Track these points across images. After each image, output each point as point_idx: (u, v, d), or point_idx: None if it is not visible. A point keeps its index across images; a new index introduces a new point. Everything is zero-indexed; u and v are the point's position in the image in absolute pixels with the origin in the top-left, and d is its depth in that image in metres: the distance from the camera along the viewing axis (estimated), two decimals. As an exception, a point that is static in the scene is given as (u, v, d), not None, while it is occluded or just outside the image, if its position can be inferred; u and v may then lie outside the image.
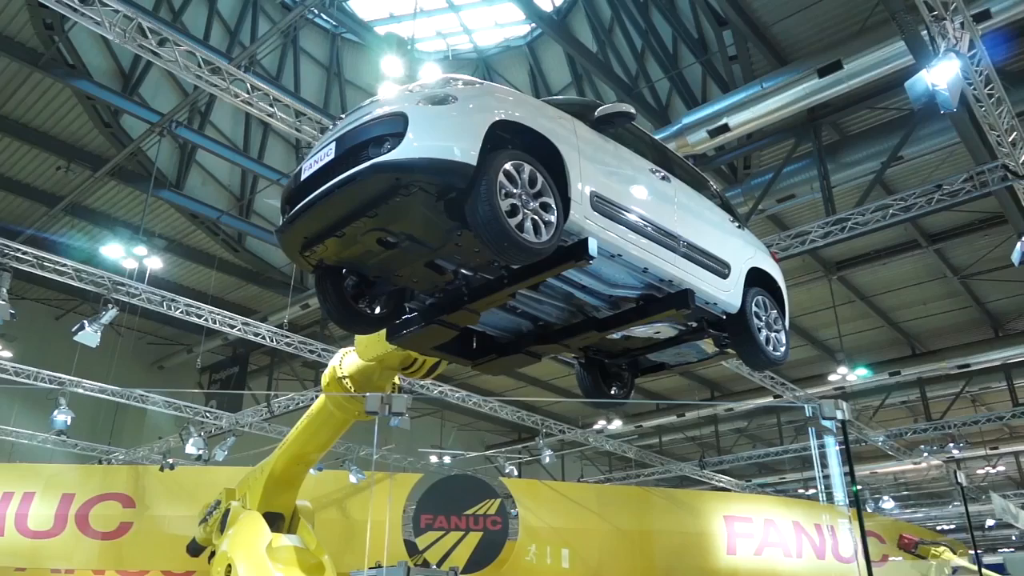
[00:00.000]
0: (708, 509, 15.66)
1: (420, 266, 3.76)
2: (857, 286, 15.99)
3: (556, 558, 13.95)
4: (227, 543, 6.64)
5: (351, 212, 3.38)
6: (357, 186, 3.25)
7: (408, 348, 4.65)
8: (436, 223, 3.44)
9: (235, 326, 12.60)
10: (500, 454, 20.58)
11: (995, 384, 18.84)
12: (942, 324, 17.17)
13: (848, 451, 3.87)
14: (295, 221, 3.55)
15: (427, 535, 13.60)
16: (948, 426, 17.97)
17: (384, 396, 4.43)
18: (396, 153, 3.18)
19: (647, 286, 4.20)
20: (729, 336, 4.69)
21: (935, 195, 8.93)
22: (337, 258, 3.77)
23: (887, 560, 15.48)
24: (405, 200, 3.27)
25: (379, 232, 3.48)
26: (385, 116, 3.36)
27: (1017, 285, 15.14)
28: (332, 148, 3.46)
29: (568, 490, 16.05)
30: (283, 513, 6.99)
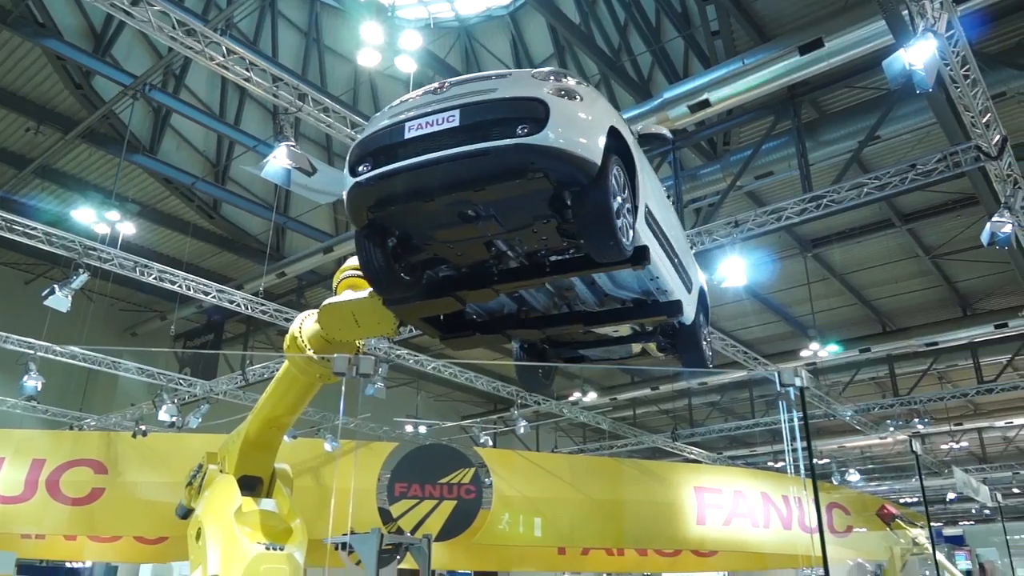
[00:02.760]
0: (679, 480, 15.94)
1: (480, 244, 3.83)
2: (831, 264, 16.18)
3: (529, 527, 14.16)
4: (200, 507, 6.67)
5: (463, 182, 3.39)
6: (490, 160, 3.29)
7: (402, 316, 4.65)
8: (532, 209, 3.56)
9: (210, 293, 12.48)
10: (475, 424, 20.71)
11: (961, 362, 19.25)
12: (912, 302, 17.46)
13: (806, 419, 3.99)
14: (389, 177, 3.49)
15: (401, 503, 13.72)
16: (914, 402, 18.36)
17: (351, 357, 4.40)
18: (538, 139, 3.26)
19: (643, 292, 4.41)
20: (675, 342, 5.06)
21: (909, 174, 9.02)
22: (402, 221, 3.75)
23: (851, 531, 15.89)
24: (523, 183, 3.35)
25: (469, 206, 3.51)
26: (523, 99, 3.41)
27: (986, 265, 15.41)
28: (456, 116, 3.41)
29: (542, 460, 16.23)
30: (261, 476, 6.98)
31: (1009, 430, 25.36)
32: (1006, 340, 17.69)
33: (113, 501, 13.11)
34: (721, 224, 10.74)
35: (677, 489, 15.66)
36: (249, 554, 6.04)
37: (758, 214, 10.35)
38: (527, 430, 19.53)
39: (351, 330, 5.29)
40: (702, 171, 12.50)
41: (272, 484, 7.01)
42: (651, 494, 15.42)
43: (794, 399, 4.32)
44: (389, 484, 13.85)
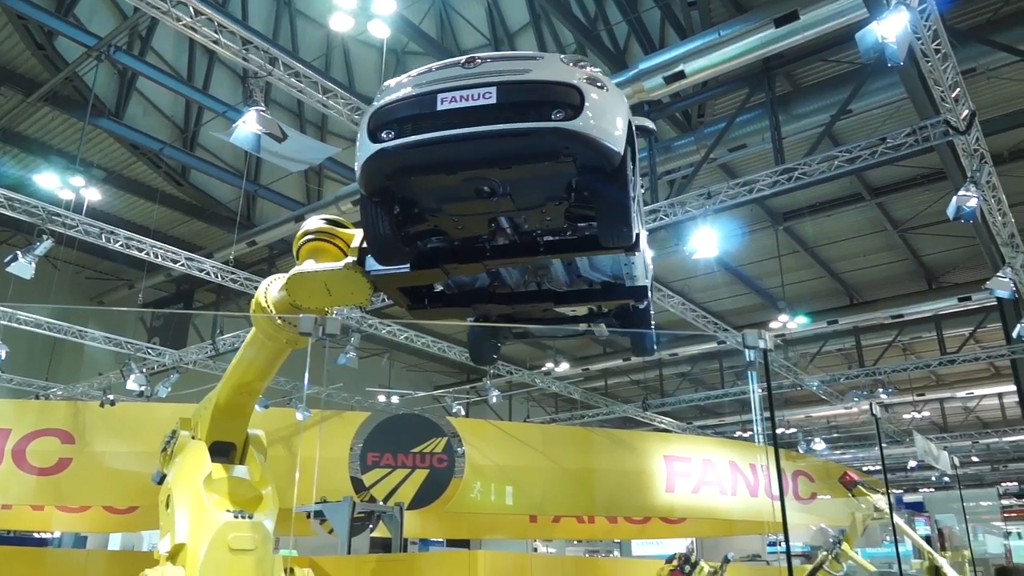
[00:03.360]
0: (649, 449, 16.15)
1: (484, 219, 3.86)
2: (802, 237, 16.36)
3: (500, 495, 14.29)
4: (170, 474, 6.60)
5: (495, 158, 3.43)
6: (526, 140, 3.36)
7: (381, 284, 4.63)
8: (548, 191, 3.66)
9: (178, 261, 12.30)
10: (448, 394, 20.78)
11: (925, 334, 19.67)
12: (879, 276, 17.75)
13: (768, 381, 4.08)
14: (419, 147, 3.46)
15: (374, 472, 13.76)
16: (879, 373, 18.75)
17: (318, 318, 4.26)
18: (574, 125, 3.34)
19: (614, 276, 4.55)
20: (626, 324, 5.17)
21: (879, 148, 9.11)
22: (416, 190, 3.73)
23: (815, 498, 16.27)
24: (551, 166, 3.45)
25: (489, 182, 3.53)
26: (561, 84, 3.47)
27: (952, 240, 15.69)
28: (493, 93, 3.43)
29: (514, 430, 16.35)
30: (234, 442, 6.89)
31: (970, 400, 26.05)
32: (969, 313, 18.10)
33: (81, 471, 12.98)
34: (694, 196, 10.79)
35: (647, 458, 15.88)
36: (217, 522, 5.97)
37: (730, 186, 10.41)
38: (499, 400, 19.65)
39: (321, 299, 5.21)
40: (676, 143, 12.52)
41: (245, 450, 6.92)
42: (621, 463, 15.62)
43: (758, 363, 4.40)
44: (361, 453, 13.88)
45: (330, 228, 5.07)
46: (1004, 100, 11.93)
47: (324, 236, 5.05)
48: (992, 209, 9.79)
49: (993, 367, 22.25)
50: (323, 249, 5.09)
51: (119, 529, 14.91)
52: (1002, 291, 10.47)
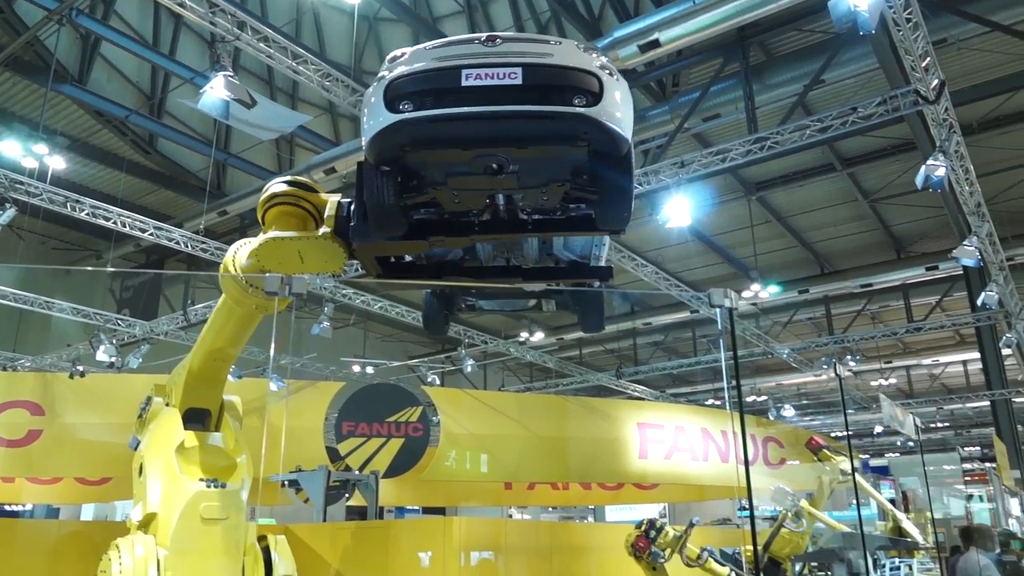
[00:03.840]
0: (622, 417, 16.32)
1: (484, 195, 3.93)
2: (774, 207, 16.51)
3: (475, 463, 14.39)
4: (143, 441, 6.54)
5: (513, 138, 3.49)
6: (549, 124, 3.46)
7: (360, 253, 4.64)
8: (555, 173, 3.78)
9: (147, 230, 12.11)
10: (423, 363, 20.81)
11: (893, 303, 20.03)
12: (849, 245, 17.99)
13: (734, 339, 4.20)
14: (441, 121, 3.47)
15: (349, 441, 13.76)
16: (848, 341, 19.08)
17: (284, 277, 4.18)
18: (595, 112, 3.46)
19: (582, 255, 4.75)
20: (580, 302, 5.46)
21: (850, 118, 9.18)
22: (425, 163, 3.74)
23: (784, 463, 16.59)
24: (566, 149, 3.58)
25: (500, 160, 3.58)
26: (583, 71, 3.56)
27: (920, 210, 15.92)
28: (519, 74, 3.47)
29: (489, 398, 16.43)
30: (209, 409, 6.81)
31: (935, 368, 26.65)
32: (936, 282, 18.45)
33: (51, 443, 12.83)
34: (667, 165, 10.81)
35: (620, 425, 16.04)
36: (188, 491, 5.93)
37: (704, 155, 10.43)
38: (474, 369, 19.73)
39: (293, 265, 5.14)
40: (650, 112, 12.50)
41: (220, 417, 6.83)
42: (595, 430, 15.78)
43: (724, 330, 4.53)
44: (336, 423, 13.86)
45: (299, 192, 4.98)
46: (974, 71, 12.06)
47: (292, 199, 4.97)
48: (960, 179, 9.93)
49: (958, 335, 22.76)
50: (291, 213, 4.98)
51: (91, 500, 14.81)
52: (968, 260, 10.66)
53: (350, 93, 9.50)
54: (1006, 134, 13.42)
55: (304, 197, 4.95)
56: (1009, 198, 14.76)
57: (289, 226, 4.93)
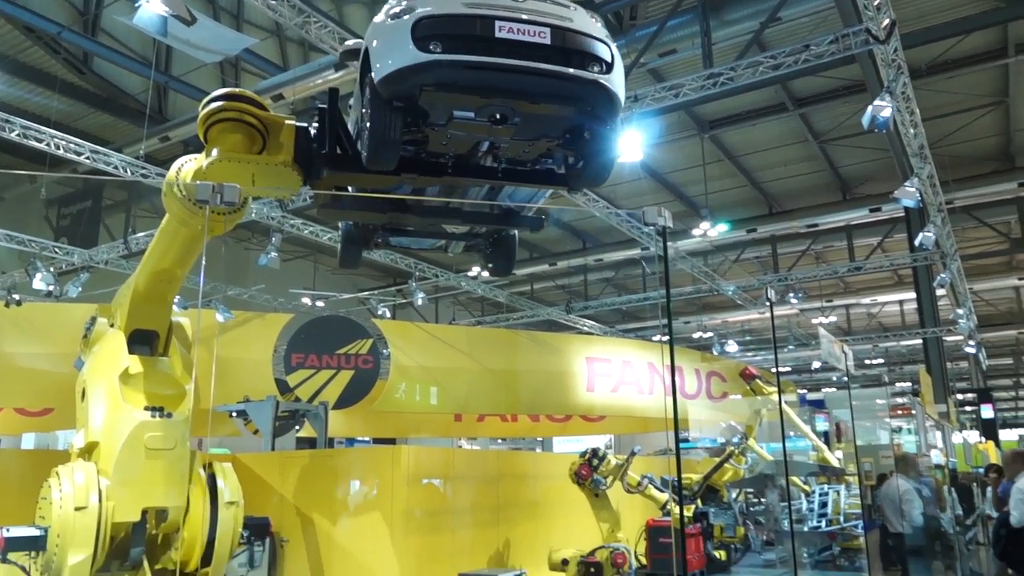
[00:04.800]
0: (571, 351, 16.60)
1: (475, 141, 4.11)
2: (726, 146, 16.60)
3: (425, 395, 14.53)
4: (87, 364, 6.36)
5: (531, 94, 3.69)
6: (567, 84, 3.68)
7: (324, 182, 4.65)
8: (550, 129, 4.04)
9: (83, 154, 11.61)
10: (373, 296, 20.71)
11: (837, 243, 20.53)
12: (798, 186, 18.27)
13: (666, 260, 4.34)
14: (470, 68, 3.57)
15: (298, 373, 13.73)
16: (792, 279, 19.56)
17: (215, 185, 4.04)
18: (609, 81, 3.75)
19: (519, 205, 5.07)
20: (495, 246, 5.76)
21: (803, 55, 9.19)
22: (437, 105, 3.80)
23: (727, 396, 17.14)
24: (575, 109, 3.81)
25: (506, 111, 3.75)
26: (601, 40, 3.81)
27: (867, 152, 16.20)
28: (547, 34, 3.64)
29: (439, 332, 16.50)
30: (156, 331, 6.62)
31: (873, 307, 27.59)
32: (878, 224, 18.94)
33: (-11, 372, 12.52)
34: (622, 99, 10.71)
35: (569, 359, 16.33)
36: (132, 421, 5.84)
37: (657, 90, 10.38)
38: (425, 303, 19.72)
39: (243, 187, 4.99)
40: (606, 45, 12.31)
41: (168, 340, 6.64)
42: (544, 364, 16.03)
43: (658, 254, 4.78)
44: (285, 355, 13.79)
45: (244, 107, 4.74)
46: (926, 13, 12.14)
47: (236, 114, 4.71)
48: (905, 121, 10.09)
49: (897, 275, 23.50)
50: (236, 130, 4.77)
51: (33, 430, 14.58)
52: (908, 200, 10.93)
53: (297, 14, 9.13)
54: (953, 78, 13.63)
55: (250, 112, 4.74)
56: (952, 142, 15.09)
57: (235, 144, 4.73)
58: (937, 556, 7.34)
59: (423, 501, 8.49)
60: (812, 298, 22.33)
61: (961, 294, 18.25)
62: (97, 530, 5.38)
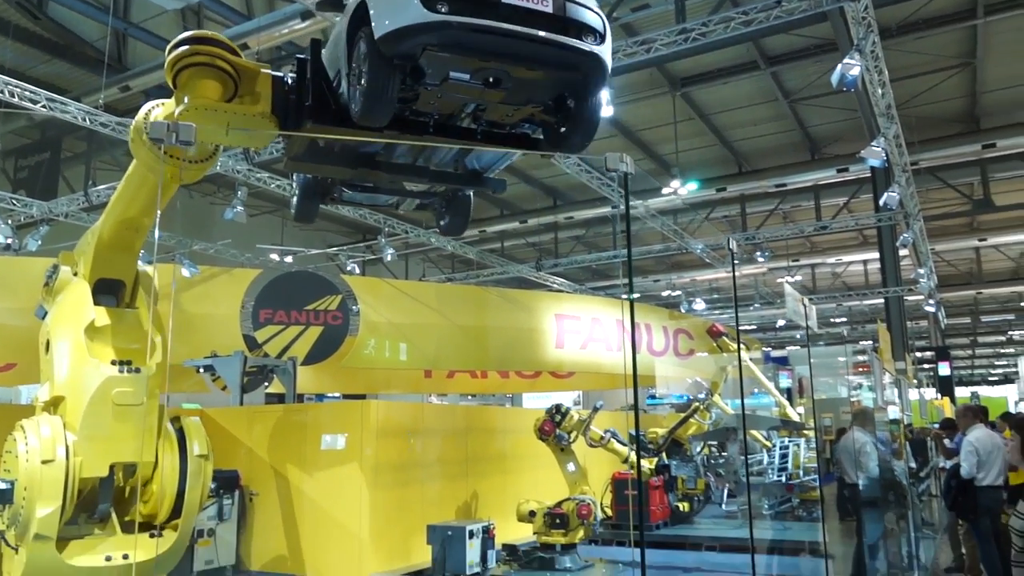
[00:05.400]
0: (540, 308, 16.69)
1: (462, 102, 4.19)
2: (698, 103, 16.58)
3: (395, 351, 14.55)
4: (49, 315, 6.23)
5: (529, 59, 3.78)
6: (566, 54, 3.78)
7: (298, 136, 4.67)
8: (539, 95, 4.16)
9: (39, 101, 11.25)
10: (342, 251, 20.55)
11: (804, 203, 20.76)
12: (767, 145, 18.37)
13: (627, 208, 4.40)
14: (476, 30, 3.61)
15: (266, 329, 13.65)
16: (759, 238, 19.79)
17: (170, 124, 3.91)
18: (602, 52, 3.87)
19: (484, 167, 5.23)
20: (450, 206, 5.90)
21: (774, 11, 9.16)
22: (435, 65, 3.84)
23: (693, 354, 17.42)
24: (568, 77, 3.95)
25: (501, 75, 3.85)
26: (597, 12, 3.92)
27: (836, 112, 16.30)
28: (550, 3, 3.76)
29: (409, 288, 16.47)
30: (123, 280, 6.47)
31: (838, 267, 28.06)
32: (845, 184, 19.17)
33: (-53, 327, 12.25)
34: (593, 55, 10.61)
35: (538, 316, 16.43)
36: (100, 376, 5.75)
37: (628, 44, 10.29)
38: (395, 259, 19.62)
39: (215, 135, 4.83)
40: (579, -2, 12.15)
41: (135, 290, 6.50)
42: (514, 320, 16.12)
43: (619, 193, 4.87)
44: (253, 311, 13.67)
45: (216, 51, 4.60)
46: (898, -29, 12.13)
47: (208, 59, 4.53)
48: (874, 80, 10.15)
49: (862, 235, 23.89)
50: (208, 75, 4.62)
51: (-5, 385, 14.37)
52: (874, 160, 11.05)
53: (261, -40, 8.86)
54: (923, 39, 13.70)
55: (222, 57, 4.60)
56: (920, 103, 15.23)
57: (207, 90, 4.58)
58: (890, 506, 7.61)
59: (392, 455, 8.57)
60: (779, 257, 22.65)
61: (923, 254, 18.63)
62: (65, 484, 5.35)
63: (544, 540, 8.10)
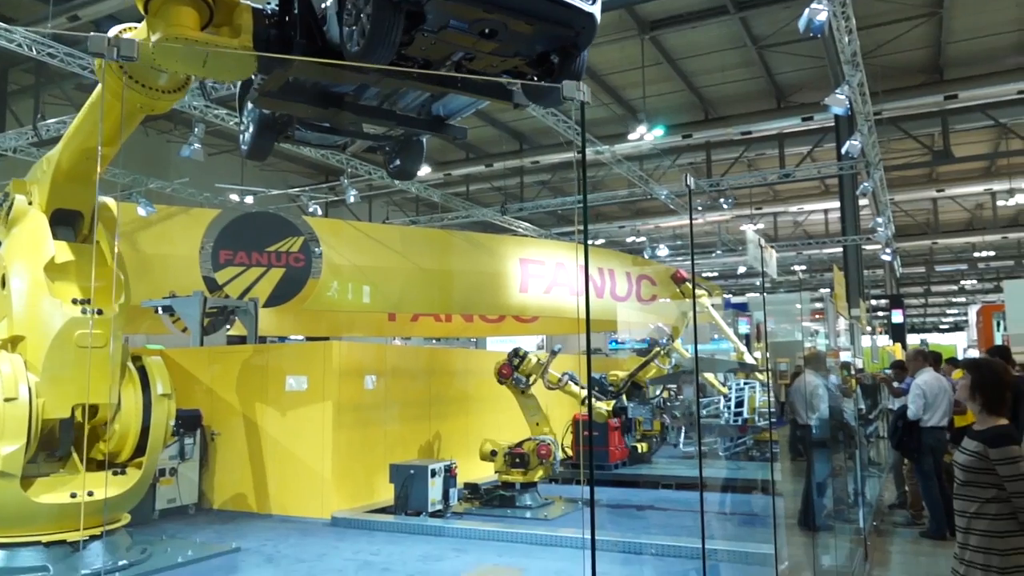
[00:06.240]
0: (505, 252, 16.69)
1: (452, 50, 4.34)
2: (666, 48, 16.40)
3: (358, 294, 14.49)
4: (5, 246, 6.02)
5: (529, 13, 4.00)
6: (564, 11, 4.04)
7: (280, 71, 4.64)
8: (528, 48, 4.34)
9: (-19, 30, 10.72)
10: (304, 192, 20.21)
11: (769, 151, 20.87)
12: (734, 92, 18.32)
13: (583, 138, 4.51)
14: None
15: (227, 270, 13.45)
16: (723, 186, 19.91)
17: (111, 38, 3.70)
18: (596, 11, 4.16)
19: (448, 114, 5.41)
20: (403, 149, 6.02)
21: (745, -46, 9.03)
22: (438, 13, 3.97)
23: (655, 299, 17.64)
24: (562, 33, 4.19)
25: (499, 27, 4.03)
26: None
27: (803, 60, 16.27)
28: None
29: (372, 231, 16.32)
30: (81, 211, 6.29)
31: (800, 215, 28.42)
32: (810, 133, 19.27)
33: None
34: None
35: (503, 260, 16.44)
36: (62, 317, 5.64)
37: (599, -15, 10.08)
38: (357, 200, 19.37)
39: (192, 66, 4.65)
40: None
41: (94, 222, 6.32)
42: (478, 264, 16.11)
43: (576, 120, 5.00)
44: (213, 252, 13.44)
45: None
46: (869, -85, 12.01)
47: None
48: (840, 27, 10.14)
49: (824, 184, 24.16)
50: (184, 1, 4.41)
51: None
52: (837, 108, 11.11)
53: None
54: (891, -14, 13.67)
55: None
56: (886, 52, 15.27)
57: (182, 17, 4.40)
58: (839, 446, 7.88)
59: (355, 396, 8.62)
60: (742, 205, 22.85)
61: (882, 203, 18.94)
62: (29, 425, 5.33)
63: (505, 479, 8.28)
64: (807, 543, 5.74)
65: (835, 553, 5.83)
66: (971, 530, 3.38)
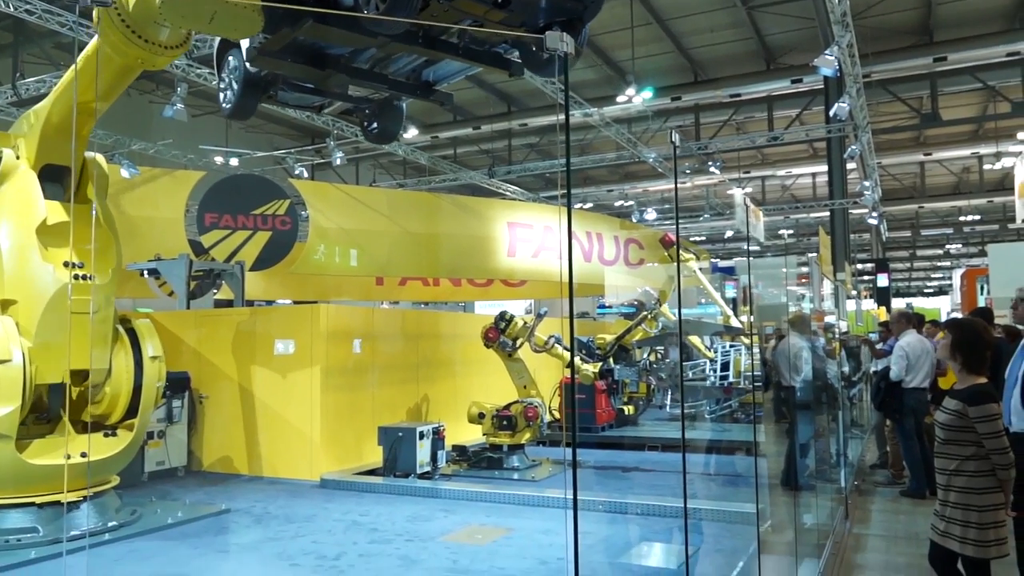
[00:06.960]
0: (493, 216, 16.65)
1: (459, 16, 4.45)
2: (655, 7, 16.20)
3: (345, 258, 14.45)
4: None
5: None
6: None
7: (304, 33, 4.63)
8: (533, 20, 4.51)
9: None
10: (290, 155, 19.98)
11: (758, 114, 20.76)
12: (723, 53, 18.15)
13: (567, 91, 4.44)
14: None
15: (213, 234, 13.37)
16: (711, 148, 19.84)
17: None
18: None
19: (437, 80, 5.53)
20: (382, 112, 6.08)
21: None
22: None
23: (643, 263, 17.68)
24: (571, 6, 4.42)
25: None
26: None
27: (793, 20, 16.11)
28: None
29: (359, 194, 16.21)
30: (70, 167, 6.19)
31: (788, 179, 28.41)
32: (799, 95, 19.18)
33: None
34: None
35: (491, 224, 16.40)
36: (54, 283, 5.58)
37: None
38: (344, 163, 19.19)
39: (198, 22, 4.54)
40: None
41: (85, 177, 6.21)
42: (466, 228, 16.07)
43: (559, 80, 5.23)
44: (198, 214, 13.34)
45: None
46: None
47: None
48: (832, -13, 10.03)
49: (812, 148, 24.11)
50: None
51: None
52: (826, 69, 11.05)
53: None
54: (884, -55, 13.51)
55: None
56: (876, 13, 15.14)
57: None
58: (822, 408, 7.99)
59: (343, 359, 8.63)
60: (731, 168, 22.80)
61: (869, 167, 18.95)
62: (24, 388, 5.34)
63: (492, 441, 8.35)
64: (789, 502, 5.84)
65: (816, 512, 5.94)
66: (950, 487, 3.46)
